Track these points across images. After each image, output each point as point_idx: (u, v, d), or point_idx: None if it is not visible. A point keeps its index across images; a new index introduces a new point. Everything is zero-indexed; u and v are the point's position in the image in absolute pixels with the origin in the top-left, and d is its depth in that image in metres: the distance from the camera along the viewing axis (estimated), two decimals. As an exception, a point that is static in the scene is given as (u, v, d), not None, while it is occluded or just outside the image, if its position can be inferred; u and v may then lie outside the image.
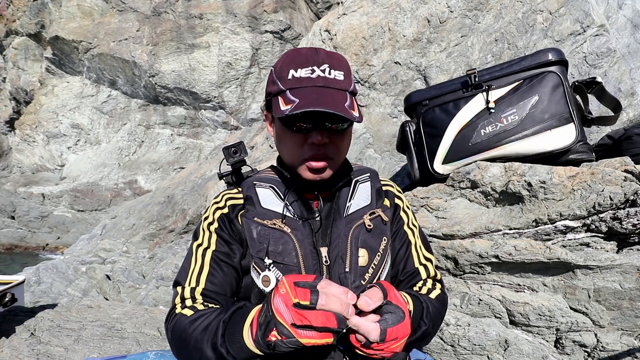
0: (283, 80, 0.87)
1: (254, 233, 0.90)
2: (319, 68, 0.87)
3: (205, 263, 0.91)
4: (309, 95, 0.84)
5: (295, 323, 0.62)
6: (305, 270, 0.88)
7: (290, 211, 0.92)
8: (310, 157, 0.88)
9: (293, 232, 0.90)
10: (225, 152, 1.07)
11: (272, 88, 0.90)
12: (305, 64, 0.87)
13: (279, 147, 0.95)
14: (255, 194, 0.95)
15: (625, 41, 2.28)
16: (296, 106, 0.81)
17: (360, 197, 0.98)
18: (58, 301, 3.99)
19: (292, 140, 0.89)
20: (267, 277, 0.86)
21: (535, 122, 1.51)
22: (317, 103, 0.82)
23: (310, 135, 0.87)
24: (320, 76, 0.86)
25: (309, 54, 0.89)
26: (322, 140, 0.87)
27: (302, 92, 0.85)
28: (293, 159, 0.91)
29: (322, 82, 0.86)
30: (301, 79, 0.86)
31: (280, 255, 0.88)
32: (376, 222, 0.96)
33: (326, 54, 0.90)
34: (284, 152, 0.94)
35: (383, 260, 0.93)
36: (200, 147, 13.70)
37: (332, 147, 0.89)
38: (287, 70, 0.87)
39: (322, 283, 0.66)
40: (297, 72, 0.87)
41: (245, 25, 12.48)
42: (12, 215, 12.14)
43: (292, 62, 0.88)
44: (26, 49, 14.44)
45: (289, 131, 0.88)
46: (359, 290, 0.89)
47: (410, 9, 2.73)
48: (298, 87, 0.86)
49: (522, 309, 1.40)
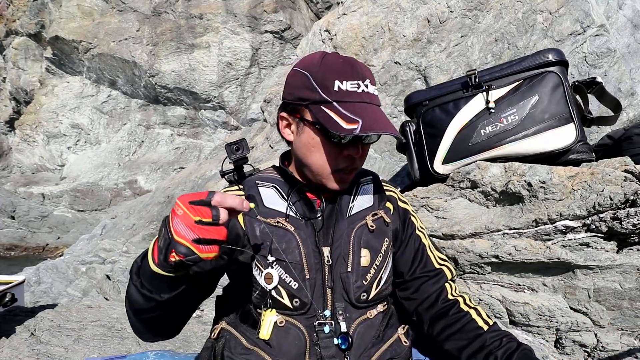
0: (327, 90, 0.86)
1: (256, 231, 0.90)
2: (363, 83, 0.87)
3: None
4: (366, 114, 0.84)
5: (200, 238, 0.64)
6: (307, 269, 0.88)
7: (293, 210, 0.93)
8: (344, 169, 0.90)
9: (296, 231, 0.90)
10: (227, 148, 1.06)
11: (311, 95, 0.88)
12: (350, 76, 0.86)
13: (307, 154, 0.92)
14: (258, 193, 0.95)
15: (625, 41, 2.28)
16: (363, 127, 0.81)
17: (363, 199, 0.99)
18: (58, 301, 3.99)
19: (328, 150, 0.89)
20: (269, 275, 0.87)
21: (535, 122, 1.51)
22: (379, 125, 0.83)
23: (348, 148, 0.88)
24: (365, 92, 0.86)
25: (348, 65, 0.88)
26: (359, 153, 0.89)
27: (357, 109, 0.84)
28: (323, 169, 0.90)
29: (368, 99, 0.87)
30: (349, 93, 0.85)
31: (283, 253, 0.88)
32: (378, 223, 0.96)
33: (362, 67, 0.90)
34: (312, 161, 0.91)
35: (385, 261, 0.94)
36: (200, 147, 13.70)
37: (361, 159, 0.92)
38: (332, 80, 0.86)
39: (217, 197, 0.67)
40: (344, 85, 0.85)
41: (245, 25, 12.48)
42: (12, 215, 12.14)
43: (336, 72, 0.86)
44: (26, 49, 14.44)
45: (326, 142, 0.88)
46: (361, 290, 0.89)
47: (410, 9, 2.73)
48: (347, 101, 0.85)
49: (522, 309, 1.40)
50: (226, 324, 0.94)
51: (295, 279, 0.87)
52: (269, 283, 0.86)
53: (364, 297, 0.89)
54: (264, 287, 0.87)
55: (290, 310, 0.86)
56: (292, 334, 0.85)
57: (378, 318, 0.91)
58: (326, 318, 0.86)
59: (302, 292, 0.86)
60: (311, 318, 0.87)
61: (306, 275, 0.87)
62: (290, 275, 0.87)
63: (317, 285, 0.88)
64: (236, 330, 0.91)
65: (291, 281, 0.87)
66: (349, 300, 0.88)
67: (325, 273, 0.89)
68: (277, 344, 0.85)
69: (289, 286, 0.87)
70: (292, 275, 0.87)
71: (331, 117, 0.84)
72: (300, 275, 0.87)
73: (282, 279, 0.87)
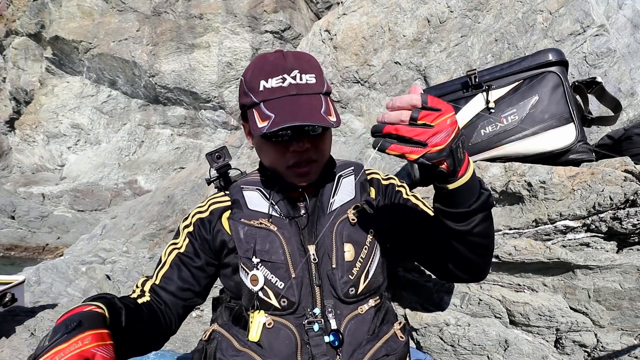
0: (254, 92, 0.86)
1: (241, 234, 0.91)
2: (289, 75, 0.85)
3: (168, 261, 0.95)
4: (284, 108, 0.83)
5: None
6: (293, 268, 0.88)
7: (276, 210, 0.93)
8: (294, 164, 0.89)
9: (279, 231, 0.91)
10: (208, 158, 1.09)
11: (245, 100, 0.89)
12: (275, 72, 0.86)
13: (261, 156, 0.96)
14: (242, 196, 0.96)
15: (625, 41, 2.28)
16: (272, 123, 0.81)
17: (344, 192, 0.98)
18: (58, 301, 3.99)
19: (274, 150, 0.89)
20: (255, 276, 0.87)
21: (535, 122, 1.51)
22: (292, 116, 0.81)
23: (292, 143, 0.87)
24: (292, 84, 0.85)
25: (277, 61, 0.87)
26: (304, 146, 0.87)
27: (277, 105, 0.84)
28: (277, 167, 0.92)
29: (295, 90, 0.85)
30: (273, 90, 0.85)
31: (268, 254, 0.88)
32: (361, 215, 0.95)
33: (294, 57, 0.89)
34: (266, 162, 0.95)
35: (371, 253, 0.93)
36: (200, 147, 13.68)
37: (314, 150, 0.90)
38: (258, 81, 0.86)
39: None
40: (268, 82, 0.85)
41: (245, 25, 12.47)
42: (12, 215, 12.13)
43: (261, 72, 0.87)
44: (26, 49, 14.43)
45: (268, 142, 0.89)
46: (348, 285, 0.89)
47: (410, 9, 2.73)
48: (271, 98, 0.85)
49: (522, 309, 1.40)
50: (218, 325, 0.95)
51: (282, 279, 0.87)
52: (255, 285, 0.87)
53: (352, 292, 0.89)
54: (250, 289, 0.87)
55: (279, 310, 0.87)
56: (282, 334, 0.85)
57: (370, 313, 0.91)
58: (316, 316, 0.86)
59: (289, 292, 0.86)
60: (301, 317, 0.87)
61: (292, 275, 0.87)
62: (276, 276, 0.87)
63: (304, 283, 0.88)
64: (228, 332, 0.91)
65: (277, 281, 0.87)
66: (337, 296, 0.88)
67: (312, 271, 0.89)
68: (268, 345, 0.85)
69: (276, 286, 0.87)
70: (277, 275, 0.87)
71: (253, 119, 0.85)
72: (286, 275, 0.87)
73: (268, 280, 0.87)
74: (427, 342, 1.50)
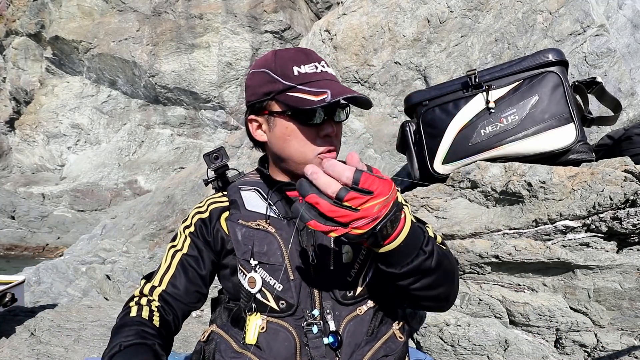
0: (288, 77, 0.86)
1: (238, 235, 0.90)
2: (319, 64, 0.89)
3: (172, 265, 0.93)
4: (332, 86, 0.84)
5: None
6: (291, 270, 0.88)
7: (274, 211, 0.93)
8: (324, 151, 0.88)
9: (277, 232, 0.90)
10: (206, 158, 1.08)
11: (274, 87, 0.88)
12: (305, 60, 0.88)
13: (284, 146, 0.91)
14: (240, 197, 0.95)
15: (625, 41, 2.28)
16: (332, 95, 0.81)
17: None
18: (58, 301, 3.99)
19: (305, 135, 0.88)
20: (252, 279, 0.87)
21: (535, 122, 1.51)
22: (346, 91, 0.83)
23: (323, 127, 0.87)
24: (323, 71, 0.88)
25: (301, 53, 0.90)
26: (334, 131, 0.88)
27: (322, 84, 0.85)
28: (305, 155, 0.89)
29: (329, 77, 0.88)
30: (310, 74, 0.87)
31: (266, 256, 0.88)
32: None
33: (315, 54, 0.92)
34: (292, 150, 0.90)
35: (370, 256, 0.92)
36: (200, 147, 13.68)
37: (337, 139, 0.91)
38: (289, 67, 0.87)
39: None
40: (302, 69, 0.87)
41: (245, 25, 12.46)
42: (12, 215, 12.13)
43: (291, 60, 0.88)
44: (26, 49, 14.43)
45: (301, 127, 0.87)
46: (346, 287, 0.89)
47: (410, 9, 2.73)
48: (309, 81, 0.86)
49: (522, 309, 1.40)
50: (217, 327, 0.94)
51: (280, 281, 0.86)
52: (253, 287, 0.86)
53: (350, 294, 0.89)
54: (248, 291, 0.87)
55: (277, 312, 0.86)
56: (281, 335, 0.85)
57: (369, 314, 0.90)
58: (315, 318, 0.86)
59: (288, 294, 0.86)
60: (300, 319, 0.86)
61: (290, 276, 0.87)
62: (274, 278, 0.87)
63: (303, 285, 0.87)
64: (227, 334, 0.91)
65: (275, 283, 0.86)
66: (335, 298, 0.88)
67: (311, 272, 0.88)
68: (267, 347, 0.84)
69: (274, 288, 0.86)
70: (276, 277, 0.86)
71: (300, 97, 0.84)
72: (284, 277, 0.87)
73: (266, 282, 0.86)
74: (427, 342, 1.50)
